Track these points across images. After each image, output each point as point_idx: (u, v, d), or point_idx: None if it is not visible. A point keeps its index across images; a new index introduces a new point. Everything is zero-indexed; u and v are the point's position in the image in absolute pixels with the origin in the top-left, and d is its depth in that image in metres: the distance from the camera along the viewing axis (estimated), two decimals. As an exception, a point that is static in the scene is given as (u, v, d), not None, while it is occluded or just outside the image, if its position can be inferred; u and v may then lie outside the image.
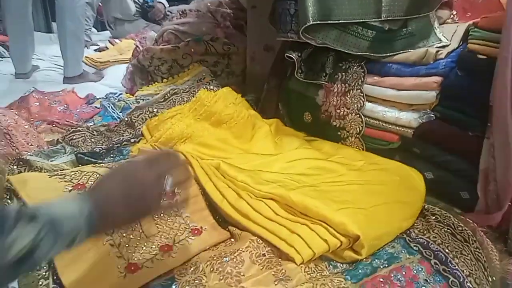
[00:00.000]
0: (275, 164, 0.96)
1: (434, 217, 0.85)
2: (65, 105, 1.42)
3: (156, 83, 1.53)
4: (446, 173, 0.95)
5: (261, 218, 0.79)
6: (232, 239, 0.81)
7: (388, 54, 1.02)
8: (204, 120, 1.14)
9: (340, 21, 1.02)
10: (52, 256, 0.51)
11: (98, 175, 0.83)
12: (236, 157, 1.02)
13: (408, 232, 0.82)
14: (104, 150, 1.04)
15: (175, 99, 1.26)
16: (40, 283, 0.67)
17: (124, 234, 0.74)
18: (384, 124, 1.04)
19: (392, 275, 0.71)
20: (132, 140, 1.10)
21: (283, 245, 0.74)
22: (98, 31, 3.30)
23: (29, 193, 0.75)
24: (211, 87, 1.37)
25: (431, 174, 0.98)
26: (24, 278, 0.66)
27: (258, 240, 0.77)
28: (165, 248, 0.75)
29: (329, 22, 0.99)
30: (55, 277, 0.68)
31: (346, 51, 1.03)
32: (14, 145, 1.02)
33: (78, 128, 1.14)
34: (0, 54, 2.33)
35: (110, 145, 1.07)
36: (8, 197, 0.76)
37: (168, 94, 1.28)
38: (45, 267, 0.68)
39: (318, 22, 0.97)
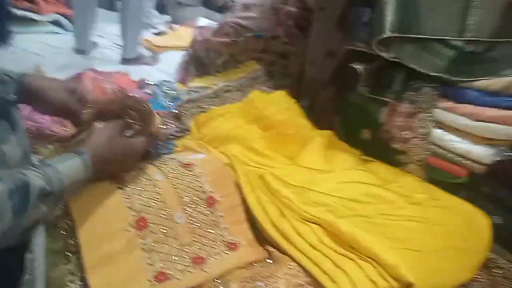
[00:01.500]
0: (325, 183, 0.88)
1: (500, 271, 0.75)
2: (117, 88, 1.41)
3: (209, 76, 1.49)
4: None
5: (304, 243, 0.72)
6: (269, 260, 0.75)
7: (467, 79, 0.90)
8: (253, 123, 1.09)
9: (419, 36, 0.92)
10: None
11: (138, 170, 0.79)
12: (283, 168, 0.95)
13: (467, 286, 0.72)
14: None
15: (226, 97, 1.21)
16: (68, 278, 0.64)
17: (158, 240, 0.70)
18: (452, 155, 0.93)
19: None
20: (178, 134, 1.06)
21: (325, 279, 0.67)
22: (159, 14, 3.31)
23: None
24: (265, 88, 1.31)
25: (501, 219, 0.86)
26: (52, 271, 0.63)
27: (297, 268, 0.70)
28: (198, 261, 0.70)
29: (407, 36, 0.89)
30: (81, 275, 0.64)
31: (420, 70, 0.93)
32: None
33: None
34: (65, 27, 2.38)
35: (156, 136, 1.03)
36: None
37: (220, 91, 1.23)
38: (73, 263, 0.65)
39: (396, 34, 0.88)
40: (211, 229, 0.75)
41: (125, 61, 2.00)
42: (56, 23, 2.36)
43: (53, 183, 0.59)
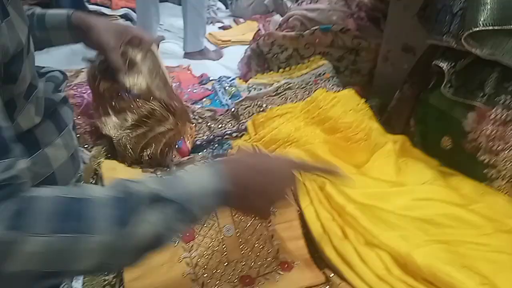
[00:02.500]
0: (397, 199, 0.76)
1: None
2: (178, 83, 1.38)
3: (271, 72, 1.41)
4: None
5: (368, 273, 0.62)
6: (327, 287, 0.65)
7: None
8: (316, 125, 0.98)
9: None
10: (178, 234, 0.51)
11: None
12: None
13: None
14: (205, 142, 0.96)
15: (287, 95, 1.12)
16: (105, 290, 0.60)
17: (204, 254, 0.64)
18: (553, 173, 0.77)
19: None
20: (234, 134, 1.00)
21: None
22: (225, 8, 3.29)
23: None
24: (331, 85, 1.20)
25: None
26: (90, 282, 0.59)
27: None
28: (246, 280, 0.63)
29: (507, 28, 0.74)
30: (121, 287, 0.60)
31: (521, 69, 0.78)
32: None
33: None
34: (133, 21, 2.43)
35: (211, 136, 0.98)
36: (94, 181, 0.70)
37: (281, 88, 1.15)
38: (113, 274, 0.61)
39: (491, 27, 0.73)
40: (262, 245, 0.68)
41: (188, 55, 1.99)
42: (125, 16, 2.41)
43: (173, 190, 0.47)
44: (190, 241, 0.64)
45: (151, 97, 0.79)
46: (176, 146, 0.91)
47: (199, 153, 0.97)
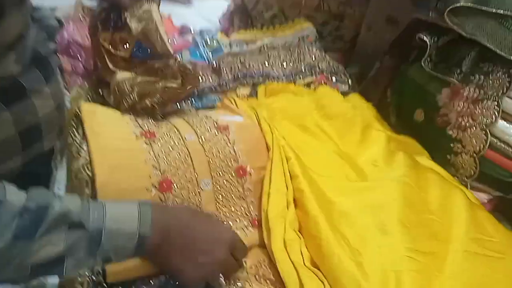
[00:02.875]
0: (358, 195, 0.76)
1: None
2: (157, 31, 1.34)
3: (254, 29, 1.39)
4: None
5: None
6: None
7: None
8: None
9: (500, 12, 0.79)
10: (78, 271, 0.49)
11: (171, 126, 0.73)
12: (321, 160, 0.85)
13: None
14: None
15: (270, 54, 1.12)
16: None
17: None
18: (513, 152, 0.83)
19: None
20: (214, 89, 1.00)
21: None
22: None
23: (93, 127, 0.67)
24: (314, 49, 1.20)
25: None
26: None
27: None
28: None
29: (484, 9, 0.77)
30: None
31: (497, 51, 0.81)
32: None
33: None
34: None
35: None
36: (74, 125, 0.69)
37: (265, 48, 1.14)
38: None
39: (470, 5, 0.76)
40: (236, 202, 0.70)
41: None
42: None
43: (88, 216, 0.45)
44: (166, 191, 0.64)
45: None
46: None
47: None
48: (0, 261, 0.41)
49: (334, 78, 1.10)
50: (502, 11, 0.80)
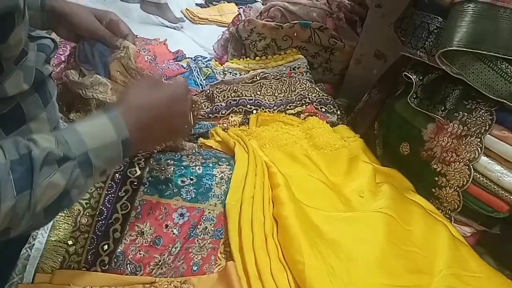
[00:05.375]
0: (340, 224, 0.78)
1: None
2: (153, 56, 1.37)
3: (248, 58, 1.43)
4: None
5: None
6: None
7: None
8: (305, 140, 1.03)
9: (491, 53, 0.83)
10: (84, 196, 0.54)
11: None
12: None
13: None
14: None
15: (262, 84, 1.15)
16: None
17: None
18: (496, 188, 0.85)
19: None
20: (207, 116, 1.02)
21: None
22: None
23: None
24: (304, 80, 1.23)
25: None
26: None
27: None
28: None
29: (476, 51, 0.80)
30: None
31: (481, 91, 0.85)
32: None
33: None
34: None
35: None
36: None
37: (257, 77, 1.17)
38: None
39: (464, 48, 0.80)
40: None
41: (144, 4, 1.90)
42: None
43: (69, 146, 0.47)
44: None
45: None
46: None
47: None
48: (15, 218, 0.42)
49: (323, 109, 1.13)
50: (493, 53, 0.83)
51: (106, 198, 0.68)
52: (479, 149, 0.87)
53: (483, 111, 0.88)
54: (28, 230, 0.46)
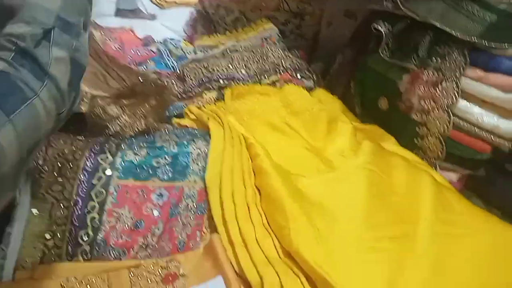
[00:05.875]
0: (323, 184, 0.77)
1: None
2: (120, 44, 1.33)
3: (218, 34, 1.39)
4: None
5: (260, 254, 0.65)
6: None
7: (505, 46, 0.80)
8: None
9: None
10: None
11: None
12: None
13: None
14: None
15: (234, 57, 1.12)
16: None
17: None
18: (476, 129, 0.85)
19: None
20: (180, 96, 0.99)
21: None
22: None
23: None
24: (277, 48, 1.20)
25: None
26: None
27: None
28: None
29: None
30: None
31: (451, 33, 0.83)
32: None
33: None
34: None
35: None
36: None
37: (227, 51, 1.14)
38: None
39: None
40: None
41: (120, 12, 1.88)
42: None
43: (38, 20, 0.47)
44: None
45: None
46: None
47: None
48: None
49: (298, 75, 1.11)
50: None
51: (80, 188, 0.66)
52: (456, 93, 0.86)
53: (455, 54, 0.87)
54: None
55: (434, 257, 0.64)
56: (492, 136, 0.84)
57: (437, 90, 0.88)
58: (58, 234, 0.63)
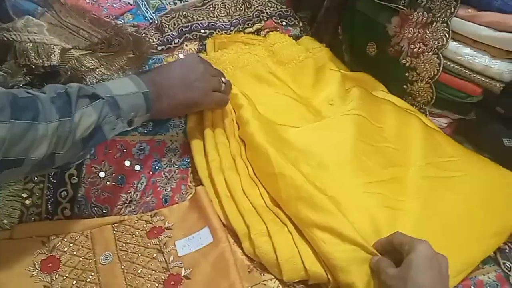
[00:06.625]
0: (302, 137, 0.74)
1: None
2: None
3: (198, -17, 1.32)
4: (533, 145, 0.76)
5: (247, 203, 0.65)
6: None
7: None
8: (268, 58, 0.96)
9: None
10: (116, 133, 0.56)
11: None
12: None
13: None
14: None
15: (215, 5, 1.06)
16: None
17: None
18: (467, 71, 0.82)
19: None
20: (160, 48, 0.94)
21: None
22: None
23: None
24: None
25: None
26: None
27: None
28: None
29: None
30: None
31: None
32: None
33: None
34: None
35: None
36: None
37: (208, -2, 1.08)
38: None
39: None
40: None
41: None
42: None
43: (97, 90, 0.54)
44: (52, 271, 0.57)
45: None
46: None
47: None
48: (60, 140, 0.48)
49: (284, 22, 1.06)
50: None
51: (56, 144, 0.63)
52: (446, 34, 0.83)
53: (446, -8, 0.82)
54: (68, 160, 0.52)
55: (426, 199, 0.63)
56: (483, 78, 0.81)
57: (427, 31, 0.85)
58: (36, 192, 0.61)
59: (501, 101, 0.82)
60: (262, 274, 0.58)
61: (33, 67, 0.71)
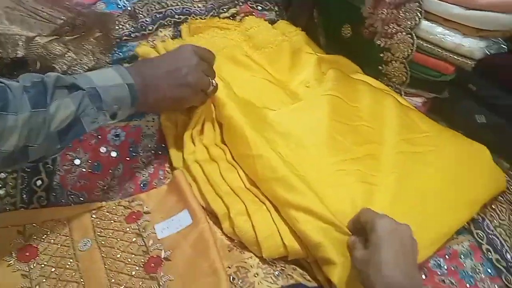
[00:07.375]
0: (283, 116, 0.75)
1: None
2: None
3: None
4: (503, 121, 0.78)
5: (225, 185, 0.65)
6: None
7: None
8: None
9: None
10: (97, 126, 0.53)
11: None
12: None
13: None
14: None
15: (190, -10, 1.05)
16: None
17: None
18: (440, 50, 0.84)
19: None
20: (133, 35, 0.93)
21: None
22: None
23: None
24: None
25: (483, 118, 0.81)
26: None
27: None
28: None
29: None
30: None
31: None
32: None
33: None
34: None
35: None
36: None
37: (183, -16, 1.07)
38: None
39: None
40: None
41: None
42: None
43: (77, 80, 0.51)
44: (30, 260, 0.56)
45: None
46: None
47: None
48: (32, 133, 0.46)
49: (259, 7, 1.06)
50: None
51: (28, 132, 0.62)
52: (418, 13, 0.84)
53: (417, -28, 0.83)
54: (44, 154, 0.49)
55: (401, 173, 0.65)
56: (455, 56, 0.83)
57: (400, 12, 0.86)
58: (9, 182, 0.60)
59: (473, 79, 0.83)
60: (242, 253, 0.58)
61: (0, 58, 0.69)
